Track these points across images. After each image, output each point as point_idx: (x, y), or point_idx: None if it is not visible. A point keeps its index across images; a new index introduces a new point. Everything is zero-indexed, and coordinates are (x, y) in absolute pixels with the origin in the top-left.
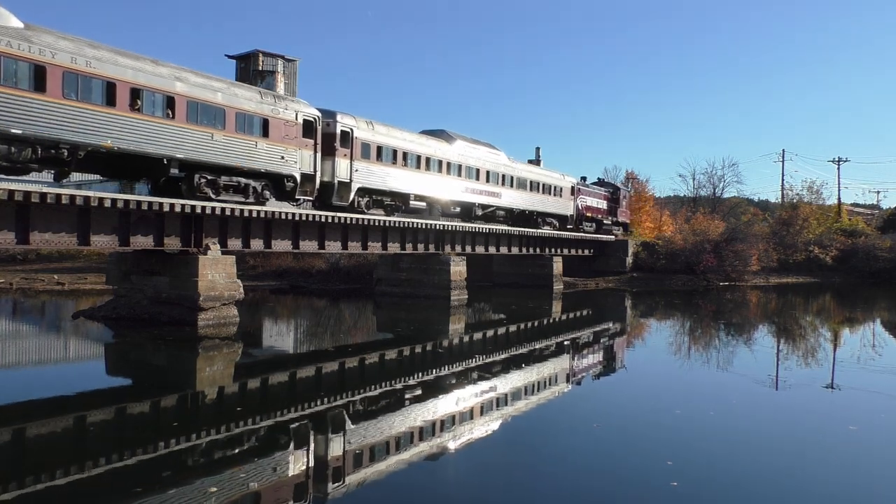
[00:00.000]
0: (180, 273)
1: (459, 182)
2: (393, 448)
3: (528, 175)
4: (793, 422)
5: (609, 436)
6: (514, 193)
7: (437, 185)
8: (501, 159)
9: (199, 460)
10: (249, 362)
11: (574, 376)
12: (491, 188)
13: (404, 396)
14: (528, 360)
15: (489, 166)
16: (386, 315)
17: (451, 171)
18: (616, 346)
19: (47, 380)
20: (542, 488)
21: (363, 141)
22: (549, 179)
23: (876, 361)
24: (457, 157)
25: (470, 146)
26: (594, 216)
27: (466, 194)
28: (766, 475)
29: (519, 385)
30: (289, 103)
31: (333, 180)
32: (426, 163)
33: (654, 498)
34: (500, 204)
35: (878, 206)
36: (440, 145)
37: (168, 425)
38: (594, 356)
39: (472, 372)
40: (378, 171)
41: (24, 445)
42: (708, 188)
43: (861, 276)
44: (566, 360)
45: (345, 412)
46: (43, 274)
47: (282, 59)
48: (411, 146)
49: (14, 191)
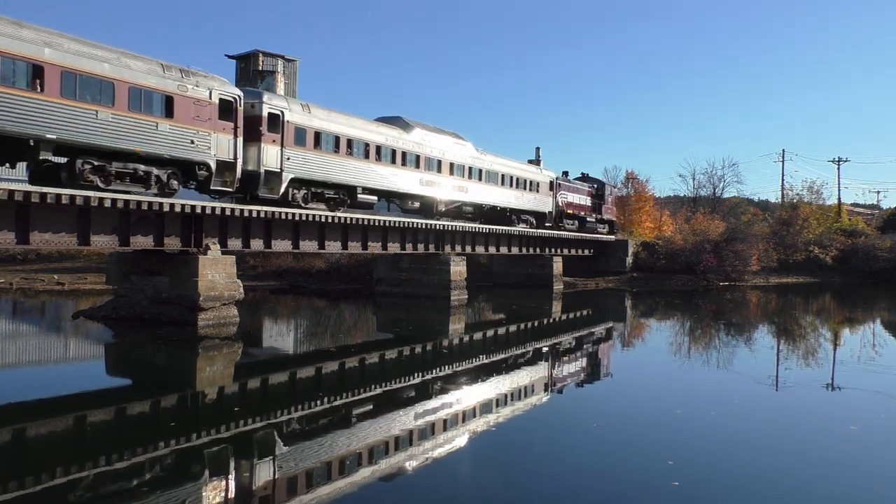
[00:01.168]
0: (180, 273)
1: (417, 174)
2: (393, 448)
3: (501, 168)
4: (793, 422)
5: (609, 435)
6: (484, 188)
7: (391, 178)
8: (468, 150)
9: (198, 460)
10: (249, 362)
11: (574, 376)
12: (456, 182)
13: (405, 396)
14: (529, 360)
15: (453, 157)
16: (386, 315)
17: (408, 161)
18: (616, 346)
19: (47, 380)
20: (543, 488)
21: (297, 126)
22: (525, 173)
23: (876, 361)
24: (414, 146)
25: (431, 135)
26: (576, 213)
27: (426, 188)
28: (768, 475)
29: (518, 385)
30: (201, 79)
31: (259, 169)
32: (377, 152)
33: (655, 498)
34: (466, 199)
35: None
36: (394, 133)
37: (166, 425)
38: (594, 356)
39: (474, 372)
40: (317, 160)
41: (24, 445)
42: (708, 188)
43: (861, 276)
44: (567, 359)
45: (344, 412)
46: (43, 274)
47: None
48: (358, 133)
49: (14, 191)
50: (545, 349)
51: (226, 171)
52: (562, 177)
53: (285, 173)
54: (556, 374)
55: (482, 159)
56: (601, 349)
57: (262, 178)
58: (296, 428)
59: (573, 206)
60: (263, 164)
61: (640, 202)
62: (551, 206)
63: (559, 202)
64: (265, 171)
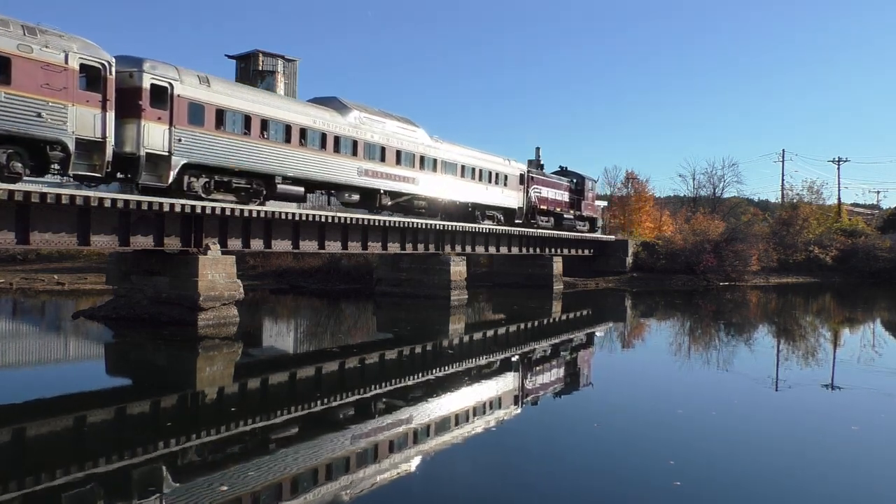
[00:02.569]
0: (180, 273)
1: (355, 163)
2: (392, 448)
3: (460, 159)
4: (794, 422)
5: (610, 435)
6: (440, 180)
7: (321, 166)
8: (420, 137)
9: (198, 461)
10: (249, 362)
11: (574, 376)
12: (403, 172)
13: (405, 396)
14: (530, 360)
15: (400, 144)
16: (386, 315)
17: (343, 148)
18: (617, 346)
19: (47, 380)
20: (543, 488)
21: (192, 101)
22: (490, 165)
23: (876, 361)
24: (351, 130)
25: (372, 118)
26: (551, 209)
27: (366, 178)
28: (769, 475)
29: (518, 384)
30: (54, 40)
31: (139, 151)
32: (301, 135)
33: (656, 498)
34: (417, 192)
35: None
36: (325, 115)
37: (166, 426)
38: (595, 356)
39: (475, 371)
40: (220, 142)
41: (24, 445)
42: (708, 188)
43: (861, 276)
44: (567, 359)
45: (344, 412)
46: (43, 274)
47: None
48: (276, 113)
49: (14, 191)
50: (546, 349)
51: (92, 152)
52: (536, 170)
53: (175, 157)
54: (557, 373)
55: (437, 148)
56: (602, 349)
57: (144, 163)
58: (296, 428)
59: (548, 201)
60: (145, 145)
61: (640, 202)
62: (521, 201)
63: (532, 197)
64: (147, 154)
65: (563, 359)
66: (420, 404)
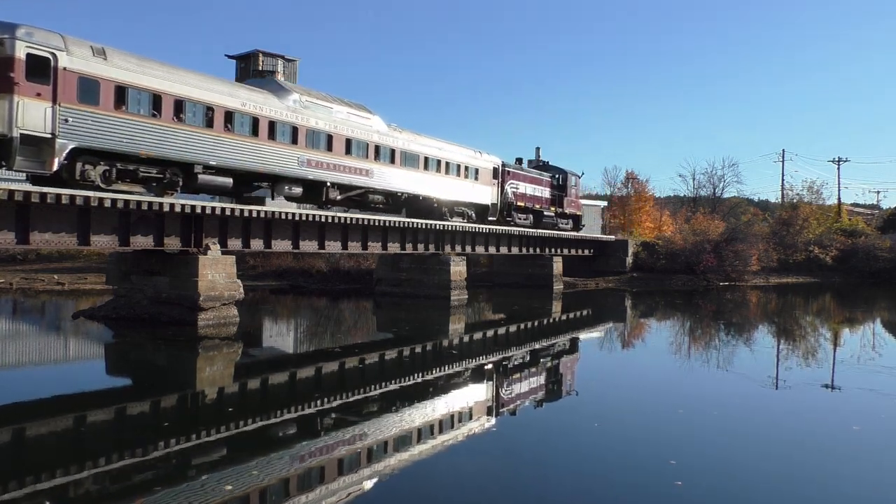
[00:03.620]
0: (180, 273)
1: (295, 151)
2: (392, 448)
3: (422, 150)
4: (795, 422)
5: (610, 434)
6: (398, 172)
7: (252, 154)
8: (375, 125)
9: (197, 461)
10: (249, 362)
11: (574, 375)
12: (355, 163)
13: (405, 396)
14: (531, 359)
15: (351, 133)
16: (386, 315)
17: (280, 134)
18: (617, 345)
19: (47, 380)
20: (543, 487)
21: (84, 76)
22: (457, 157)
23: (876, 361)
24: (289, 115)
25: (316, 102)
26: (530, 206)
27: (309, 169)
28: (771, 475)
29: (518, 384)
30: None
31: (11, 132)
32: (227, 119)
33: (658, 497)
34: (372, 185)
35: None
36: (257, 97)
37: (166, 426)
38: (595, 356)
39: (476, 370)
40: (121, 125)
41: (24, 445)
42: (708, 188)
43: (861, 276)
44: (568, 358)
45: (344, 412)
46: (43, 274)
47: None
48: (194, 93)
49: (14, 191)
50: (547, 348)
51: None
52: (513, 164)
53: (61, 140)
54: (557, 372)
55: (395, 137)
56: (602, 349)
57: (18, 146)
58: (295, 428)
59: (526, 197)
60: (19, 124)
61: (640, 202)
62: (495, 196)
63: (507, 193)
64: (23, 136)
65: (564, 358)
66: (420, 404)
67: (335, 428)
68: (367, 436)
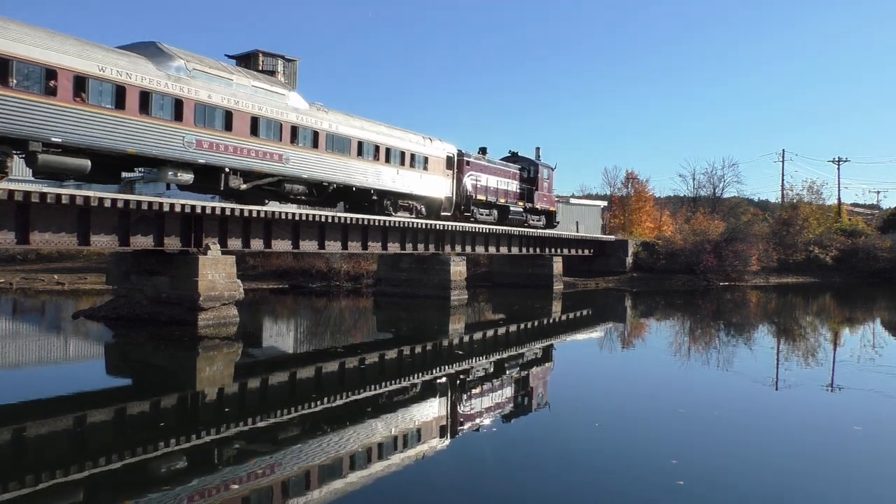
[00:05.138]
0: (180, 273)
1: (180, 129)
2: (393, 447)
3: (355, 133)
4: (796, 421)
5: (611, 434)
6: (323, 159)
7: (117, 131)
8: (291, 103)
9: (197, 461)
10: (249, 362)
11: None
12: (264, 146)
13: (406, 395)
14: (532, 359)
15: (259, 110)
16: (386, 315)
17: (159, 109)
18: (618, 345)
19: (47, 380)
20: (544, 487)
21: None
22: (401, 143)
23: (876, 361)
24: (172, 86)
25: (209, 72)
26: (494, 201)
27: (200, 151)
28: (773, 474)
29: (518, 383)
30: None
31: None
32: (78, 86)
33: (659, 497)
34: (287, 172)
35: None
36: (122, 62)
37: (165, 426)
38: (595, 355)
39: (478, 369)
40: None
41: (24, 445)
42: (708, 188)
43: (861, 276)
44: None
45: (344, 413)
46: (43, 274)
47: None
48: (30, 53)
49: (14, 191)
50: (548, 347)
51: None
52: (476, 154)
53: None
54: (557, 372)
55: (319, 118)
56: (602, 348)
57: None
58: (295, 428)
59: (490, 191)
60: None
61: (640, 202)
62: (449, 189)
63: (466, 186)
64: None
65: (564, 358)
66: (420, 403)
67: (335, 428)
68: (367, 435)
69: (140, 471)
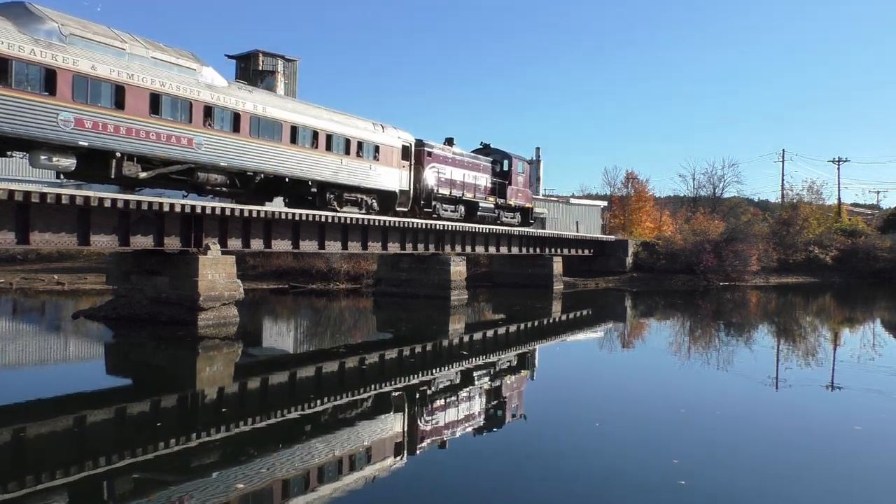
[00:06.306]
0: (180, 273)
1: (54, 105)
2: (392, 447)
3: (287, 117)
4: (797, 421)
5: (612, 434)
6: (246, 145)
7: None
8: (206, 79)
9: (197, 461)
10: (249, 362)
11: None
12: (168, 128)
13: (407, 395)
14: (531, 358)
15: (161, 86)
16: (386, 315)
17: (21, 81)
18: (617, 345)
19: (47, 379)
20: (545, 486)
21: None
22: (345, 129)
23: (876, 361)
24: (41, 53)
25: (95, 39)
26: (460, 195)
27: (83, 132)
28: (774, 474)
29: (518, 382)
30: None
31: None
32: None
33: (660, 496)
34: (199, 159)
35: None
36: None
37: (165, 426)
38: (596, 354)
39: (480, 369)
40: None
41: (24, 445)
42: (708, 188)
43: (861, 276)
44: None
45: (344, 413)
46: (43, 274)
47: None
48: None
49: (14, 191)
50: (549, 348)
51: None
52: (440, 144)
53: None
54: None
55: (241, 97)
56: (603, 349)
57: None
58: (296, 428)
59: (456, 185)
60: None
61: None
62: (405, 182)
63: (427, 179)
64: None
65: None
66: (421, 403)
67: (335, 428)
68: (368, 435)
69: (140, 471)
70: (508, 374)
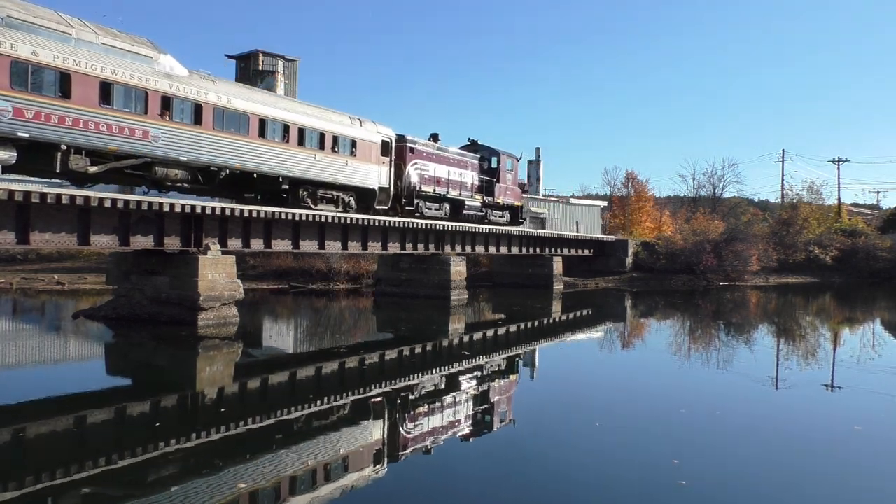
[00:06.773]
0: (180, 273)
1: None
2: (392, 446)
3: (255, 109)
4: (797, 421)
5: (612, 434)
6: (210, 138)
7: None
8: (164, 67)
9: (197, 461)
10: (249, 362)
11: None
12: (121, 119)
13: (408, 395)
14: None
15: (113, 74)
16: (386, 315)
17: None
18: (617, 345)
19: (48, 380)
20: (546, 486)
21: None
22: (320, 123)
23: (876, 361)
24: None
25: (37, 23)
26: (445, 193)
27: (21, 122)
28: (774, 474)
29: (519, 382)
30: None
31: None
32: None
33: (661, 496)
34: (156, 153)
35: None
36: None
37: (165, 426)
38: (596, 354)
39: (479, 369)
40: None
41: (24, 445)
42: (708, 188)
43: (861, 276)
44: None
45: (344, 413)
46: (43, 274)
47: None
48: None
49: (14, 191)
50: (549, 348)
51: None
52: (424, 140)
53: None
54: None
55: (203, 88)
56: (603, 349)
57: None
58: (296, 428)
59: (440, 182)
60: None
61: (640, 202)
62: (385, 178)
63: (409, 176)
64: None
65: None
66: (421, 402)
67: (335, 428)
68: (368, 435)
69: (140, 471)
70: (508, 374)
